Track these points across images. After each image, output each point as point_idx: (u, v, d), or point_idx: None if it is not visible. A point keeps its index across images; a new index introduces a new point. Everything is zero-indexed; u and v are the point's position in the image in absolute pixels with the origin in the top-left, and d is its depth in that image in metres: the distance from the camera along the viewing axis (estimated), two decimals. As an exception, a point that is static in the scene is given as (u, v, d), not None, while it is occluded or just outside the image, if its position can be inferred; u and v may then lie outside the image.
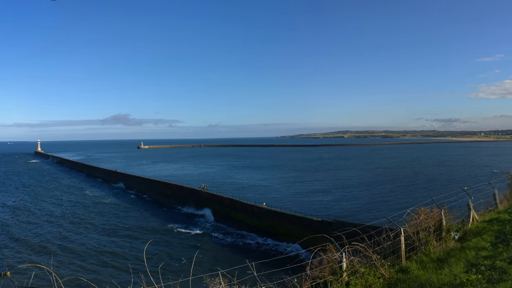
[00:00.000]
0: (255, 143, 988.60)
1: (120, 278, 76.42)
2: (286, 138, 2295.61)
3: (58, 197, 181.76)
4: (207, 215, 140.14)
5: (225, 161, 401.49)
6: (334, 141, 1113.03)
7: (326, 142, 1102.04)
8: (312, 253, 20.23)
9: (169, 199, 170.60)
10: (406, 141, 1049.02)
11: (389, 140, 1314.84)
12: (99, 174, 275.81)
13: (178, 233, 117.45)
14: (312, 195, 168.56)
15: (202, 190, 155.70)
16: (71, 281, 55.22)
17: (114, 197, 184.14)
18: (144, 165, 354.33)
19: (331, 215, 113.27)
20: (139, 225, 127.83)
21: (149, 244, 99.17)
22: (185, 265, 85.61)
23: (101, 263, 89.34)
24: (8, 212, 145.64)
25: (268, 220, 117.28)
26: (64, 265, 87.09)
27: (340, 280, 18.06)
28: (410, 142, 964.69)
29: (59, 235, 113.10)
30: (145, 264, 17.06)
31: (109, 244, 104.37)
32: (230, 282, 16.55)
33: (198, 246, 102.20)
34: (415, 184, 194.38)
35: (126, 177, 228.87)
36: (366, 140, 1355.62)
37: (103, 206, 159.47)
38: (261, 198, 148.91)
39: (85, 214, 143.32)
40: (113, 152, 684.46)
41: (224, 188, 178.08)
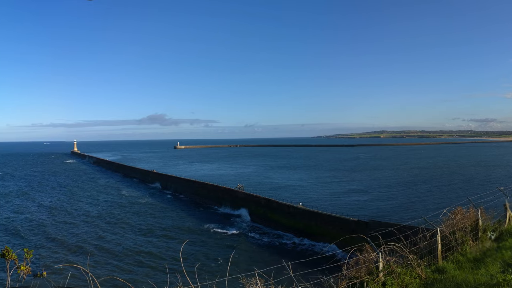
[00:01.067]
0: (291, 143, 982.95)
1: (156, 278, 76.82)
2: (322, 138, 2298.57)
3: (95, 197, 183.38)
4: (243, 215, 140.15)
5: (261, 161, 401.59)
6: (370, 141, 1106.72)
7: (362, 142, 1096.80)
8: (348, 253, 20.22)
9: (205, 199, 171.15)
10: (443, 141, 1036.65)
11: (426, 140, 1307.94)
12: (135, 174, 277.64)
13: (215, 233, 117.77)
14: (348, 195, 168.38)
15: (238, 190, 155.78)
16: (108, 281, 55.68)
17: (150, 197, 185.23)
18: (181, 165, 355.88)
19: (367, 215, 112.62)
20: (176, 225, 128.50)
21: (185, 244, 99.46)
22: (221, 265, 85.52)
23: (137, 263, 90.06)
24: (45, 212, 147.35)
25: (304, 220, 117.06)
26: (101, 265, 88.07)
27: (376, 280, 18.05)
28: (446, 142, 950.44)
29: (95, 235, 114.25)
30: (181, 264, 17.16)
31: (145, 244, 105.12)
32: (267, 282, 16.57)
33: (234, 246, 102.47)
34: (452, 184, 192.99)
35: (162, 177, 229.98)
36: (402, 140, 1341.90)
37: (140, 206, 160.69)
38: (297, 198, 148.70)
39: (121, 214, 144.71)
40: (150, 152, 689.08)
41: (261, 188, 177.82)
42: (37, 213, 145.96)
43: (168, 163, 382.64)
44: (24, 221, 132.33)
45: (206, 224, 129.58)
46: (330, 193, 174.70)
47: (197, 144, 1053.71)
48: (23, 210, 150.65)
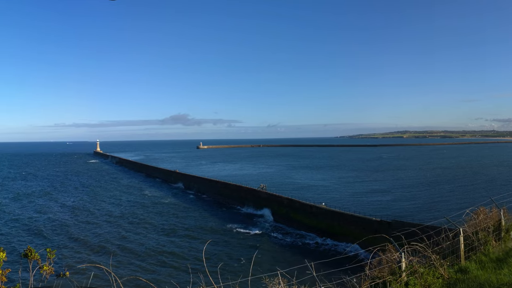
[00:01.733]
0: (314, 143, 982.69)
1: (179, 278, 77.18)
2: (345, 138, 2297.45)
3: (117, 197, 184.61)
4: (266, 215, 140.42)
5: (284, 161, 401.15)
6: (393, 141, 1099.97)
7: (385, 142, 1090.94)
8: (371, 253, 20.22)
9: (228, 199, 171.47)
10: (465, 141, 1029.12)
11: (448, 140, 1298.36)
12: (158, 174, 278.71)
13: (237, 233, 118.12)
14: (371, 195, 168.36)
15: (261, 190, 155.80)
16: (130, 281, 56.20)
17: (173, 197, 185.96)
18: (203, 165, 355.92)
19: (390, 215, 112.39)
20: (198, 225, 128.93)
21: (208, 244, 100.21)
22: (244, 265, 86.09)
23: (160, 263, 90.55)
24: (67, 212, 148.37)
25: (327, 220, 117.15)
26: (123, 265, 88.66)
27: (399, 280, 18.03)
28: (469, 142, 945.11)
29: (118, 235, 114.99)
30: (204, 264, 17.24)
31: (168, 244, 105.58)
32: (289, 282, 16.62)
33: (257, 246, 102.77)
34: (474, 184, 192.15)
35: (185, 177, 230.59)
36: (425, 140, 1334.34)
37: (162, 206, 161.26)
38: (320, 198, 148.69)
39: (144, 214, 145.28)
40: (172, 152, 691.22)
41: (283, 188, 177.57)
42: (59, 213, 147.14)
43: (190, 163, 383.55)
44: (47, 221, 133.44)
45: (228, 224, 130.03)
46: (352, 193, 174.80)
47: (220, 144, 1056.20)
48: (46, 210, 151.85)
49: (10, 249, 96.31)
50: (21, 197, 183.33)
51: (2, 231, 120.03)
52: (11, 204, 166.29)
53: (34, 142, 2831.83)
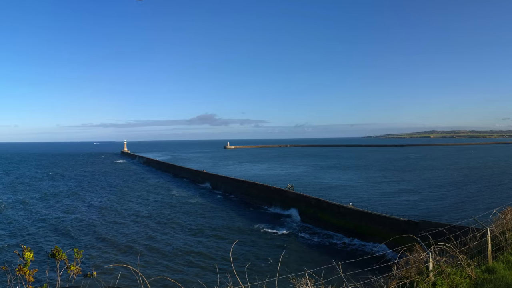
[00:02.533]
0: (341, 143, 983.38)
1: (206, 278, 77.54)
2: (372, 138, 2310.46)
3: (145, 197, 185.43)
4: (293, 215, 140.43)
5: (311, 161, 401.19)
6: (420, 141, 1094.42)
7: (412, 142, 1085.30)
8: (398, 253, 20.17)
9: (255, 199, 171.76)
10: (492, 141, 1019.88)
11: (475, 140, 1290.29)
12: (185, 174, 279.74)
13: (265, 233, 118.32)
14: (398, 195, 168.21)
15: (288, 190, 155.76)
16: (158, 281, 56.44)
17: (200, 197, 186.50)
18: (231, 165, 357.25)
19: (417, 215, 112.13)
20: (226, 225, 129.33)
21: (235, 244, 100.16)
22: (271, 265, 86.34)
23: (187, 263, 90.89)
24: (95, 212, 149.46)
25: (355, 220, 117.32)
26: (151, 265, 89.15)
27: (426, 280, 18.04)
28: (496, 142, 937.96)
29: (145, 235, 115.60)
30: (231, 264, 17.26)
31: (195, 244, 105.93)
32: (317, 282, 16.66)
33: (284, 246, 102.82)
34: (502, 184, 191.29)
35: (212, 177, 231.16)
36: (452, 140, 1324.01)
37: (190, 206, 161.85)
38: (347, 198, 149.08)
39: (171, 214, 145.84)
40: (200, 152, 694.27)
41: (311, 188, 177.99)
42: (87, 213, 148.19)
43: (218, 163, 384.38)
44: (74, 221, 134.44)
45: (256, 224, 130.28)
46: (380, 193, 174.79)
47: (247, 144, 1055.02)
48: (73, 210, 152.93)
49: (38, 249, 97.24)
50: (48, 197, 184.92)
51: (30, 231, 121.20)
52: (38, 204, 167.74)
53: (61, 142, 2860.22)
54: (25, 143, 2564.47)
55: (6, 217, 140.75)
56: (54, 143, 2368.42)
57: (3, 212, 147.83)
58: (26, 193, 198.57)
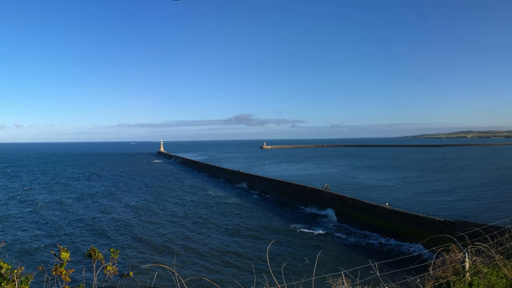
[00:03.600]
0: (377, 143, 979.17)
1: (243, 278, 77.86)
2: (409, 138, 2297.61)
3: (181, 197, 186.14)
4: (330, 215, 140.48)
5: (347, 161, 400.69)
6: (456, 141, 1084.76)
7: (448, 142, 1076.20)
8: (434, 253, 20.01)
9: (291, 199, 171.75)
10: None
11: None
12: (221, 174, 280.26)
13: (301, 233, 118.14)
14: (434, 195, 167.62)
15: (325, 190, 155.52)
16: (194, 281, 56.57)
17: (237, 197, 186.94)
18: (267, 165, 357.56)
19: (454, 215, 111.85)
20: (262, 225, 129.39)
21: (272, 244, 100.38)
22: (307, 265, 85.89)
23: (223, 263, 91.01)
24: (131, 212, 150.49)
25: (391, 220, 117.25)
26: (187, 265, 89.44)
27: (463, 280, 17.78)
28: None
29: (181, 235, 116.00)
30: (268, 264, 17.24)
31: (231, 244, 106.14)
32: (353, 282, 16.54)
33: (320, 246, 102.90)
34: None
35: (248, 177, 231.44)
36: (488, 140, 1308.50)
37: (226, 206, 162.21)
38: (383, 198, 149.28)
39: (207, 214, 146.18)
40: (236, 152, 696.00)
41: (347, 188, 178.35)
42: (123, 213, 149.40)
43: (254, 163, 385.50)
44: (111, 221, 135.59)
45: (292, 224, 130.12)
46: (416, 193, 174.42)
47: (283, 144, 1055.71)
48: (109, 210, 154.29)
49: (74, 249, 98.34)
50: (85, 197, 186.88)
51: (66, 231, 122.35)
52: (74, 204, 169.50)
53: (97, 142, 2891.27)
54: (61, 143, 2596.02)
55: (42, 217, 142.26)
56: (90, 143, 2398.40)
57: (39, 212, 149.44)
58: (62, 193, 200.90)
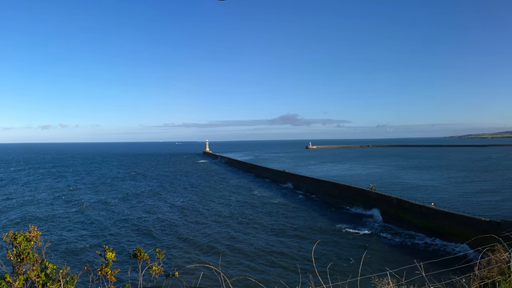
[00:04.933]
0: (423, 143, 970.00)
1: (288, 278, 77.81)
2: (454, 138, 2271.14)
3: (227, 197, 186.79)
4: (375, 215, 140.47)
5: (393, 161, 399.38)
6: (502, 141, 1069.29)
7: (494, 142, 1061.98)
8: (480, 253, 19.81)
9: (337, 199, 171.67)
10: None
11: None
12: (267, 174, 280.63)
13: (346, 233, 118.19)
14: (480, 195, 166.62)
15: (370, 190, 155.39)
16: (239, 281, 56.55)
17: (282, 197, 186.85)
18: (312, 165, 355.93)
19: (499, 216, 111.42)
20: (307, 225, 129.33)
21: (317, 244, 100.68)
22: (353, 265, 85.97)
23: (269, 263, 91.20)
24: (176, 212, 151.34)
25: (436, 220, 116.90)
26: (233, 265, 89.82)
27: (508, 280, 17.55)
28: None
29: (227, 235, 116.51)
30: (313, 264, 17.15)
31: (277, 244, 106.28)
32: (399, 282, 16.27)
33: (366, 246, 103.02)
34: None
35: (294, 177, 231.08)
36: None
37: (271, 206, 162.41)
38: (429, 198, 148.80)
39: (253, 214, 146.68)
40: (281, 152, 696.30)
41: (392, 188, 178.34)
42: (168, 213, 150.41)
43: (299, 163, 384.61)
44: (156, 221, 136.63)
45: (338, 224, 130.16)
46: (461, 193, 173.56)
47: (329, 144, 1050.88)
48: (155, 210, 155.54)
49: (120, 249, 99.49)
50: (130, 197, 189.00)
51: (112, 231, 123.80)
52: (120, 204, 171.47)
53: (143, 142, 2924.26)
54: (106, 143, 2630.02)
55: (88, 217, 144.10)
56: (135, 143, 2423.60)
57: (85, 212, 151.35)
58: (108, 193, 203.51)
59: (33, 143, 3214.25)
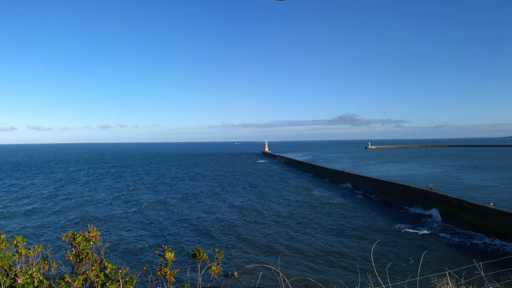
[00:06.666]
0: (482, 143, 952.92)
1: (347, 278, 77.89)
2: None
3: (286, 197, 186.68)
4: (434, 215, 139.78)
5: (452, 161, 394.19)
6: None
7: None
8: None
9: (396, 199, 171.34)
10: None
11: None
12: (326, 174, 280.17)
13: (405, 233, 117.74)
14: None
15: (429, 191, 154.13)
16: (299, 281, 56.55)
17: (341, 197, 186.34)
18: (371, 165, 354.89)
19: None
20: (366, 225, 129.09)
21: (376, 244, 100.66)
22: (412, 265, 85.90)
23: (328, 263, 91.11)
24: (236, 212, 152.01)
25: (496, 220, 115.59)
26: (292, 265, 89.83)
27: None
28: None
29: (286, 235, 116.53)
30: (372, 264, 17.09)
31: (336, 244, 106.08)
32: (458, 283, 16.08)
33: (425, 246, 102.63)
34: None
35: (353, 177, 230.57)
36: None
37: (331, 206, 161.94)
38: (488, 198, 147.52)
39: (312, 214, 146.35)
40: (340, 152, 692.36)
41: (451, 188, 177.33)
42: (228, 213, 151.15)
43: (358, 163, 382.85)
44: (215, 221, 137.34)
45: (397, 224, 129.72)
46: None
47: (388, 144, 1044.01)
48: (214, 210, 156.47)
49: (179, 249, 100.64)
50: (189, 197, 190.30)
51: (171, 231, 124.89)
52: (179, 204, 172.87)
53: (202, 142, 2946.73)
54: (165, 143, 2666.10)
55: (147, 217, 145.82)
56: (194, 143, 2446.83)
57: (144, 212, 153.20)
58: (167, 193, 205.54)
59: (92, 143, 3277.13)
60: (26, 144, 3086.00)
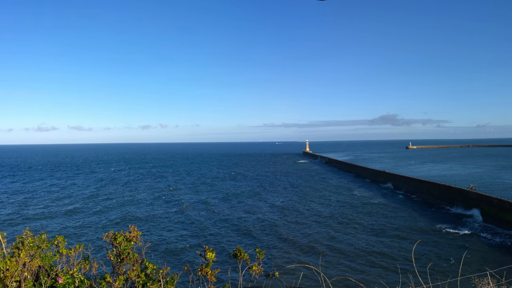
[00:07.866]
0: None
1: (388, 278, 77.55)
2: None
3: (327, 198, 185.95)
4: (475, 215, 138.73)
5: (493, 161, 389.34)
6: None
7: None
8: None
9: (437, 199, 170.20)
10: None
11: None
12: (367, 174, 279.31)
13: (446, 233, 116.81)
14: None
15: (470, 191, 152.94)
16: (340, 282, 56.58)
17: (382, 197, 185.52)
18: (412, 165, 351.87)
19: None
20: (407, 225, 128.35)
21: (417, 244, 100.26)
22: (453, 265, 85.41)
23: (369, 263, 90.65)
24: (277, 212, 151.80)
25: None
26: (332, 265, 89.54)
27: None
28: None
29: (327, 235, 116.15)
30: (413, 264, 17.14)
31: (377, 244, 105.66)
32: (499, 283, 16.23)
33: (466, 246, 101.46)
34: None
35: (394, 177, 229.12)
36: None
37: (371, 206, 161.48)
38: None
39: (353, 214, 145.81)
40: (381, 152, 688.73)
41: (493, 188, 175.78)
42: (268, 213, 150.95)
43: (399, 163, 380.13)
44: (256, 221, 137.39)
45: (437, 224, 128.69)
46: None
47: (429, 144, 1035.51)
48: (255, 210, 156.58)
49: (220, 249, 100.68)
50: (230, 197, 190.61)
51: (212, 231, 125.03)
52: (220, 204, 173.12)
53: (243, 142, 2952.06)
54: (205, 143, 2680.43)
55: (188, 217, 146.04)
56: (235, 143, 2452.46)
57: (185, 212, 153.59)
58: (208, 193, 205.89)
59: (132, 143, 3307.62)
60: (67, 144, 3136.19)
